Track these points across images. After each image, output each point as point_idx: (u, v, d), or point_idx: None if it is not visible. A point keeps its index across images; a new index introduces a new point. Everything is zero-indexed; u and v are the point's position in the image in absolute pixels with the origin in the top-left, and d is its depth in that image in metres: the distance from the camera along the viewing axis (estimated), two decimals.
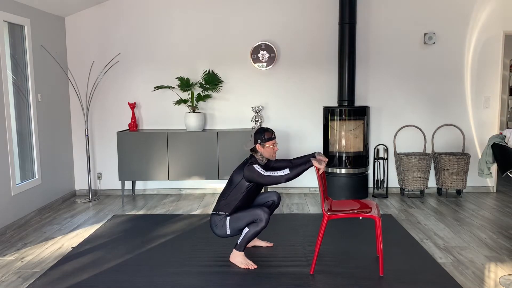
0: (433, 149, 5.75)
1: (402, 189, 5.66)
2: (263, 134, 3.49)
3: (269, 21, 5.64)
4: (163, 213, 4.97)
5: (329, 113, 5.45)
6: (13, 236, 4.29)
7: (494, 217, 4.72)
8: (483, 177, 4.16)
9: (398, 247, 3.80)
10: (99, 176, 5.89)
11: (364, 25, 5.63)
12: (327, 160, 3.37)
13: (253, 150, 3.54)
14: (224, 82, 5.70)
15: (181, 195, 5.85)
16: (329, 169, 5.49)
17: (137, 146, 5.36)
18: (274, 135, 3.53)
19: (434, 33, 5.54)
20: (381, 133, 5.79)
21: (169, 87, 5.56)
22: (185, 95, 5.70)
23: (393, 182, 5.84)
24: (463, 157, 5.41)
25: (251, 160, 3.51)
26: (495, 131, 5.71)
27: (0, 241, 4.13)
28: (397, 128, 5.77)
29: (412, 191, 5.76)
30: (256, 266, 3.43)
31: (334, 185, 5.43)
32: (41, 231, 4.43)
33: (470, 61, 5.66)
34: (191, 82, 5.57)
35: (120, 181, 5.69)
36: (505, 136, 3.88)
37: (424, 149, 5.71)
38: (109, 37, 5.68)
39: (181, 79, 5.46)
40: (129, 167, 5.39)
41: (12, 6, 4.56)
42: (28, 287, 3.15)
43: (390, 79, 5.70)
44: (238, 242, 3.45)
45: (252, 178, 3.39)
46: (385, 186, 5.78)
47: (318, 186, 5.82)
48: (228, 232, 3.47)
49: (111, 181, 5.90)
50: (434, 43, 5.57)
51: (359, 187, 5.44)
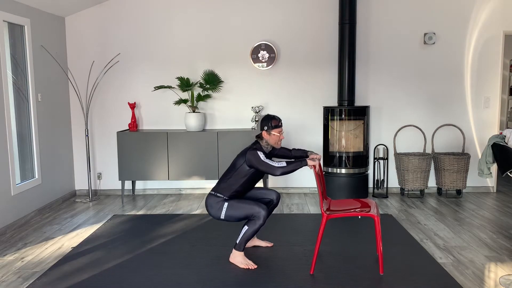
0: (433, 149, 5.75)
1: (402, 189, 5.66)
2: (270, 121, 3.45)
3: (269, 21, 5.64)
4: (163, 213, 4.97)
5: (329, 113, 5.45)
6: (13, 236, 4.29)
7: (494, 217, 4.72)
8: (483, 177, 4.16)
9: (398, 247, 3.80)
10: (99, 176, 5.89)
11: (364, 25, 5.63)
12: (319, 156, 3.41)
13: (259, 136, 3.52)
14: (224, 82, 5.70)
15: (181, 195, 5.85)
16: (329, 169, 5.49)
17: (137, 146, 5.36)
18: (281, 123, 3.50)
19: (434, 33, 5.54)
20: (381, 133, 5.79)
21: (169, 87, 5.56)
22: (185, 95, 5.70)
23: (393, 182, 5.84)
24: (463, 157, 5.41)
25: (255, 146, 3.48)
26: (495, 131, 5.71)
27: (0, 241, 4.13)
28: (397, 128, 5.77)
29: (412, 191, 5.76)
30: (256, 266, 3.42)
31: (334, 185, 5.43)
32: (41, 231, 4.43)
33: (470, 61, 5.66)
34: (191, 82, 5.57)
35: (120, 181, 5.69)
36: (505, 136, 3.88)
37: (424, 149, 5.71)
38: (109, 37, 5.68)
39: (181, 79, 5.46)
40: (129, 167, 5.39)
41: (12, 6, 4.56)
42: (28, 287, 3.15)
43: (390, 79, 5.70)
44: (237, 242, 3.45)
45: (251, 162, 3.37)
46: (385, 186, 5.78)
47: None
48: (222, 217, 3.44)
49: (111, 181, 5.90)
50: (434, 43, 5.57)
51: (359, 187, 5.44)
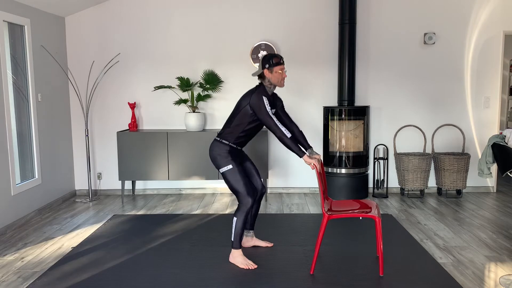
0: (433, 149, 5.76)
1: (402, 189, 5.66)
2: (271, 59, 3.38)
3: (269, 21, 5.64)
4: (163, 213, 4.97)
5: (329, 113, 5.45)
6: (13, 236, 4.29)
7: (494, 217, 4.72)
8: (483, 177, 4.16)
9: (398, 247, 3.80)
10: (99, 176, 5.89)
11: (364, 25, 5.63)
12: (319, 156, 3.35)
13: (261, 76, 3.44)
14: (224, 82, 5.70)
15: (181, 195, 5.85)
16: (329, 169, 5.49)
17: (137, 146, 5.36)
18: (283, 60, 3.42)
19: (434, 33, 5.54)
20: (381, 133, 5.79)
21: (169, 87, 5.56)
22: (185, 95, 5.70)
23: (393, 182, 5.84)
24: (463, 157, 5.41)
25: (259, 88, 3.41)
26: (495, 131, 5.71)
27: (0, 241, 4.13)
28: (397, 128, 5.77)
29: (412, 191, 5.76)
30: (256, 266, 3.42)
31: (334, 185, 5.43)
32: (41, 231, 4.43)
33: (470, 61, 5.66)
34: (191, 82, 5.57)
35: (120, 181, 5.69)
36: (505, 136, 3.88)
37: (424, 149, 5.71)
38: (109, 37, 5.68)
39: (181, 79, 5.46)
40: (129, 167, 5.39)
41: (12, 6, 4.56)
42: (28, 287, 3.15)
43: (390, 79, 5.70)
44: (232, 239, 3.45)
45: (256, 108, 3.30)
46: (385, 186, 5.78)
47: (318, 186, 5.82)
48: (221, 171, 3.42)
49: (111, 181, 5.90)
50: (434, 43, 5.57)
51: (359, 187, 5.44)
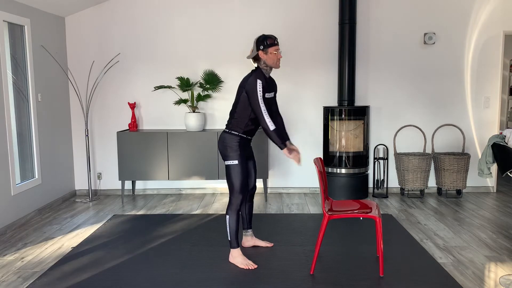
0: (433, 149, 5.75)
1: (402, 189, 5.66)
2: (266, 40, 3.36)
3: (269, 21, 5.64)
4: (163, 213, 4.97)
5: (329, 113, 5.45)
6: (13, 236, 4.29)
7: (494, 217, 4.72)
8: (483, 177, 4.16)
9: (398, 247, 3.80)
10: (99, 176, 5.89)
11: (364, 25, 5.63)
12: (296, 148, 3.39)
13: (256, 58, 3.44)
14: (224, 82, 5.70)
15: (181, 195, 5.85)
16: (329, 169, 5.49)
17: (137, 146, 5.36)
18: (277, 41, 3.41)
19: (434, 33, 5.54)
20: (381, 133, 5.79)
21: (169, 87, 5.56)
22: (185, 95, 5.70)
23: (393, 182, 5.84)
24: (463, 157, 5.41)
25: (256, 71, 3.41)
26: (495, 131, 5.71)
27: (0, 241, 4.13)
28: (397, 128, 5.77)
29: (412, 191, 5.76)
30: (256, 266, 3.42)
31: (334, 185, 5.43)
32: (41, 231, 4.43)
33: (470, 61, 5.66)
34: (191, 82, 5.57)
35: (120, 181, 5.69)
36: (505, 136, 3.88)
37: (424, 149, 5.71)
38: (109, 37, 5.68)
39: (181, 79, 5.46)
40: (129, 167, 5.39)
41: (12, 6, 4.56)
42: (28, 287, 3.15)
43: (390, 79, 5.70)
44: (229, 238, 3.45)
45: (250, 92, 3.30)
46: (385, 186, 5.78)
47: (318, 186, 5.83)
48: (226, 163, 3.41)
49: (111, 181, 5.90)
50: (434, 43, 5.57)
51: (359, 187, 5.44)
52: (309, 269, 3.38)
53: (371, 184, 5.86)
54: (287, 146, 3.36)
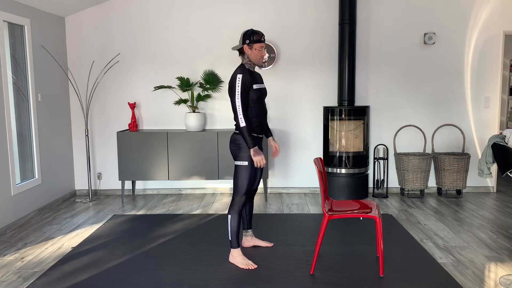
0: (433, 149, 5.75)
1: (402, 189, 5.66)
2: (253, 35, 3.33)
3: (269, 21, 5.64)
4: (163, 213, 4.97)
5: (329, 113, 5.45)
6: (13, 236, 4.29)
7: (494, 217, 4.72)
8: (483, 177, 4.16)
9: (398, 247, 3.80)
10: (99, 176, 5.89)
11: (364, 25, 5.63)
12: (277, 145, 3.64)
13: (240, 51, 3.41)
14: (224, 82, 5.70)
15: (181, 195, 5.85)
16: (329, 169, 5.49)
17: (137, 146, 5.36)
18: (264, 38, 3.38)
19: (434, 33, 5.54)
20: (381, 133, 5.79)
21: (169, 87, 5.56)
22: (185, 95, 5.70)
23: (393, 182, 5.84)
24: (463, 157, 5.41)
25: (239, 66, 3.39)
26: (495, 131, 5.71)
27: (0, 241, 4.13)
28: (397, 128, 5.77)
29: (412, 191, 5.76)
30: (256, 266, 3.42)
31: (334, 185, 5.43)
32: (41, 231, 4.43)
33: (470, 61, 5.66)
34: (191, 82, 5.57)
35: (120, 181, 5.69)
36: (505, 136, 3.88)
37: (424, 149, 5.71)
38: (109, 37, 5.68)
39: (181, 79, 5.46)
40: (129, 167, 5.39)
41: (12, 6, 4.56)
42: (28, 287, 3.15)
43: (390, 79, 5.70)
44: (230, 238, 3.45)
45: (229, 85, 3.31)
46: (385, 186, 5.78)
47: (318, 186, 5.83)
48: (236, 163, 3.40)
49: (111, 181, 5.90)
50: (434, 43, 5.57)
51: (359, 187, 5.44)
52: (309, 269, 3.38)
53: (371, 184, 5.86)
54: (269, 141, 3.68)
